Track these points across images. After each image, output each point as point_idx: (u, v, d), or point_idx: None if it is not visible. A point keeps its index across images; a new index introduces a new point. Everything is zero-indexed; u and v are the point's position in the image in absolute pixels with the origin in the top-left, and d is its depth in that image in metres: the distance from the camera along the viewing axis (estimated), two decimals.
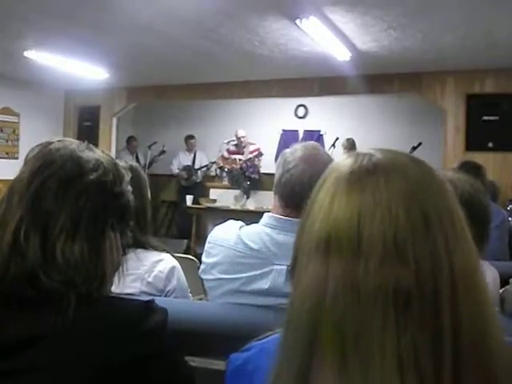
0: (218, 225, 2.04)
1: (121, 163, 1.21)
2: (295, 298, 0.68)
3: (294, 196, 1.85)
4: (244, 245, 1.85)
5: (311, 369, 0.64)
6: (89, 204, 1.06)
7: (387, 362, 0.60)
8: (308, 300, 0.65)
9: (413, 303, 0.61)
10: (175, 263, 2.18)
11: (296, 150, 1.91)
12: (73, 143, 1.13)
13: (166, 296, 2.11)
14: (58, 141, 1.13)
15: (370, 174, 0.68)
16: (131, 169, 2.20)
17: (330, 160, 1.93)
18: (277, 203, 1.91)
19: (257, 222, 1.93)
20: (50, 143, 1.12)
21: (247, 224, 1.96)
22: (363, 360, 0.61)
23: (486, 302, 0.65)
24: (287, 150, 1.95)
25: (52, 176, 1.06)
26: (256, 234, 1.86)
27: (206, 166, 9.82)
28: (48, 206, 1.04)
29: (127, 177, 1.18)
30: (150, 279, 2.09)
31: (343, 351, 0.62)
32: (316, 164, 1.86)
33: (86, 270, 1.03)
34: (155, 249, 2.16)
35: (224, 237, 1.92)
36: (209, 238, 1.99)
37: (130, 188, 1.18)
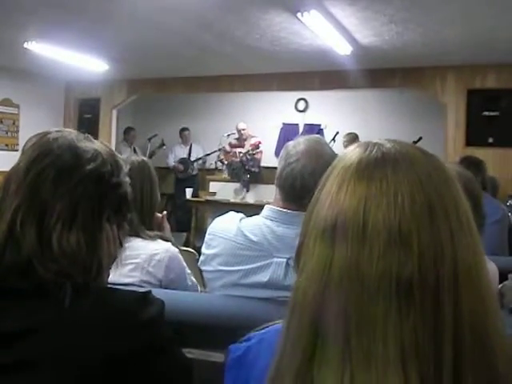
0: (217, 217, 2.04)
1: (132, 157, 1.21)
2: (300, 283, 0.69)
3: (295, 190, 1.84)
4: (244, 237, 1.85)
5: (315, 355, 0.65)
6: (86, 194, 1.05)
7: (390, 349, 0.61)
8: (313, 285, 0.66)
9: (415, 292, 0.62)
10: (175, 251, 2.20)
11: (299, 144, 1.89)
12: (71, 133, 1.12)
13: (166, 284, 2.12)
14: (56, 131, 1.12)
15: (378, 163, 0.69)
16: (143, 164, 2.23)
17: (333, 154, 1.92)
18: (277, 196, 1.90)
19: (257, 215, 1.93)
20: (48, 133, 1.11)
21: (247, 217, 1.96)
22: (366, 346, 0.61)
23: (489, 296, 0.66)
24: (290, 143, 1.93)
25: (49, 166, 1.05)
26: (256, 226, 1.86)
27: (202, 158, 9.83)
28: (45, 195, 1.03)
29: (125, 168, 1.17)
30: (149, 268, 2.10)
31: (346, 337, 0.63)
32: (318, 158, 1.85)
33: (82, 261, 1.02)
34: (154, 239, 2.18)
35: (224, 228, 1.92)
36: (209, 230, 1.99)
37: (127, 179, 1.17)
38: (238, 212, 2.02)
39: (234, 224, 1.90)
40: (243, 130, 8.89)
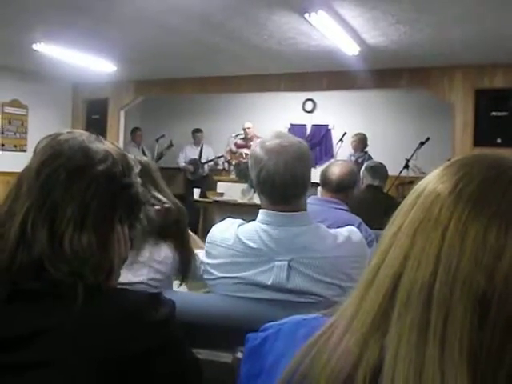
0: (223, 219, 2.04)
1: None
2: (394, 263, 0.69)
3: (278, 190, 1.84)
4: (243, 244, 1.85)
5: (390, 319, 0.66)
6: (97, 195, 1.05)
7: (460, 346, 0.61)
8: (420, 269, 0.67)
9: (492, 309, 0.61)
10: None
11: (262, 146, 1.88)
12: (82, 135, 1.12)
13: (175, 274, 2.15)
14: (68, 132, 1.13)
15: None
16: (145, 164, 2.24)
17: (297, 141, 1.92)
18: (264, 202, 1.90)
19: (253, 221, 1.93)
20: (59, 134, 1.11)
21: (251, 220, 1.96)
22: (440, 331, 0.62)
23: None
24: (252, 151, 1.93)
25: (61, 167, 1.05)
26: (254, 231, 1.86)
27: (213, 160, 9.83)
28: (56, 196, 1.03)
29: (136, 168, 1.18)
30: (155, 265, 2.12)
31: (426, 308, 0.64)
32: (285, 150, 1.85)
33: (94, 261, 1.02)
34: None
35: (223, 236, 1.92)
36: (208, 238, 1.99)
37: (139, 180, 1.17)
38: (244, 213, 2.03)
39: (232, 231, 1.91)
40: (248, 128, 8.90)
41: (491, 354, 0.60)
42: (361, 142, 8.17)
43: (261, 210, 1.91)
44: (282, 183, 1.82)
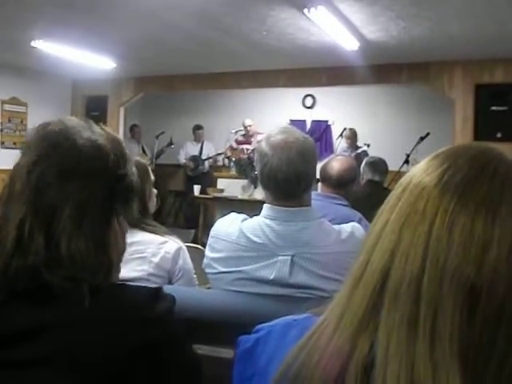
0: (224, 215, 2.05)
1: None
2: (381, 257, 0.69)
3: (281, 186, 1.85)
4: (247, 239, 1.85)
5: (379, 315, 0.66)
6: (93, 193, 1.03)
7: (450, 342, 0.61)
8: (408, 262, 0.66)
9: (481, 300, 0.61)
10: (181, 244, 2.22)
11: (267, 142, 1.89)
12: (74, 127, 1.08)
13: (173, 276, 2.14)
14: (58, 121, 1.09)
15: None
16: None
17: (302, 137, 1.92)
18: (269, 197, 1.91)
19: (257, 216, 1.93)
20: (48, 124, 1.08)
21: (252, 215, 1.96)
22: (430, 326, 0.62)
23: None
24: (260, 145, 1.93)
25: (51, 167, 1.02)
26: (258, 226, 1.86)
27: (212, 157, 9.81)
28: (51, 198, 1.00)
29: (131, 157, 1.14)
30: (156, 260, 2.12)
31: (415, 305, 0.63)
32: (289, 147, 1.85)
33: (92, 263, 1.01)
34: (158, 233, 2.20)
35: (227, 231, 1.92)
36: (211, 233, 1.99)
37: (134, 169, 1.14)
38: (245, 209, 2.03)
39: (236, 226, 1.91)
40: (249, 126, 8.92)
41: (481, 346, 0.60)
42: (350, 138, 8.21)
43: (265, 205, 1.91)
44: (285, 180, 1.83)
